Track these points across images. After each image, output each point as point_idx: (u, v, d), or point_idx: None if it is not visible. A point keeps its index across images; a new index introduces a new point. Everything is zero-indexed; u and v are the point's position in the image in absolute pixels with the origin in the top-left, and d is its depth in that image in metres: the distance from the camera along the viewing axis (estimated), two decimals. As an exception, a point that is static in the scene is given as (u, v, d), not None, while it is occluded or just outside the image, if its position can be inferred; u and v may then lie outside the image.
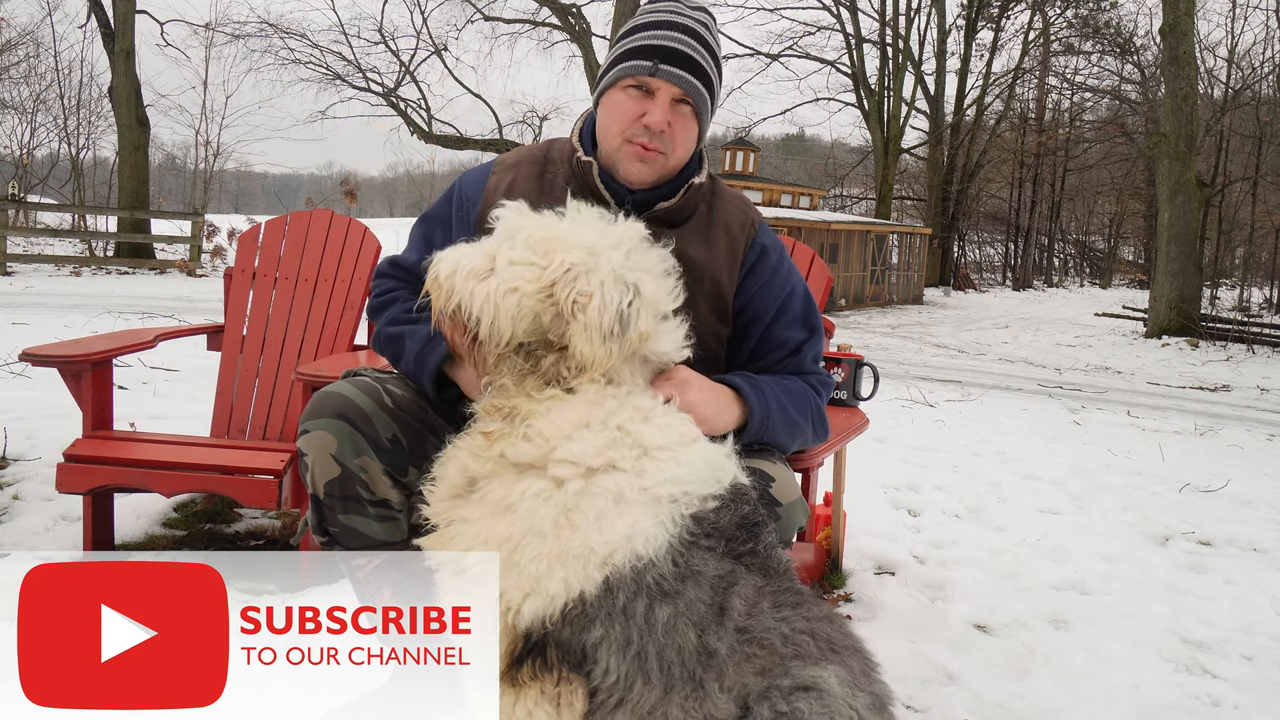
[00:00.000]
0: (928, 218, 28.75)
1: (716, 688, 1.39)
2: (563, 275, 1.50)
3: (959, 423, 6.75)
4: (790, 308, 1.87)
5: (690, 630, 1.40)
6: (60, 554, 2.69)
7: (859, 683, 1.40)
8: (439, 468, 1.58)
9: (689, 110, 1.75)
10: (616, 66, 1.76)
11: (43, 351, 2.62)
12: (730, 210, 1.88)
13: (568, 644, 1.42)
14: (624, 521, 1.43)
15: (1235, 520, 4.28)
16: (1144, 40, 27.77)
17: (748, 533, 1.50)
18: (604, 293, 1.48)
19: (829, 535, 3.03)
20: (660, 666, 1.39)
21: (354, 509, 1.70)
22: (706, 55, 1.76)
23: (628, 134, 1.74)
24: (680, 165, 1.81)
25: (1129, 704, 2.27)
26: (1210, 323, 15.93)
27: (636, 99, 1.73)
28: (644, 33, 1.75)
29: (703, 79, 1.75)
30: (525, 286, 1.50)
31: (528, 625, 1.43)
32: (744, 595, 1.44)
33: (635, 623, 1.40)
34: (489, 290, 1.49)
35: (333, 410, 1.67)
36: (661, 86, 1.72)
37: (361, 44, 24.20)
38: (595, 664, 1.41)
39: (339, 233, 3.31)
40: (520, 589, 1.43)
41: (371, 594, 1.79)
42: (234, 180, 48.37)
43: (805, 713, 1.33)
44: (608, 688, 1.41)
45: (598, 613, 1.40)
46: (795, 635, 1.42)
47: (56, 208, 18.63)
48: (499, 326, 1.50)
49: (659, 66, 1.71)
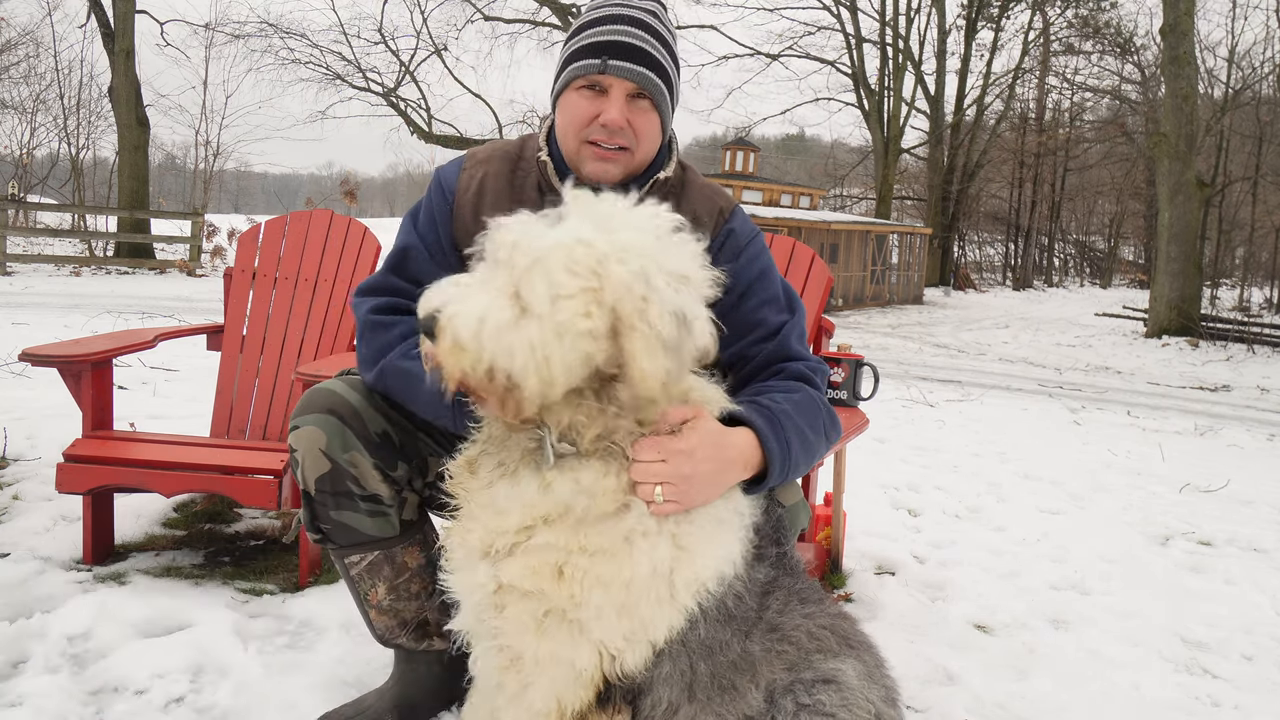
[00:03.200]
0: (928, 218, 28.75)
1: (751, 687, 1.39)
2: (625, 293, 1.24)
3: (959, 423, 6.75)
4: (765, 288, 1.76)
5: (737, 641, 1.39)
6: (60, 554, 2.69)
7: (873, 675, 1.43)
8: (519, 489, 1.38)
9: (647, 104, 1.69)
10: (567, 68, 1.71)
11: (43, 351, 2.62)
12: (697, 201, 1.80)
13: (634, 680, 1.38)
14: (720, 544, 1.38)
15: (1235, 520, 4.28)
16: (1144, 40, 27.84)
17: (781, 533, 1.51)
18: (661, 297, 1.25)
19: (829, 535, 3.02)
20: (709, 684, 1.38)
21: (345, 504, 1.70)
22: (658, 45, 1.71)
23: (584, 135, 1.68)
24: (647, 160, 1.76)
25: (1129, 704, 2.27)
26: (1210, 323, 15.93)
27: (590, 99, 1.68)
28: (591, 30, 1.70)
29: (657, 70, 1.69)
30: (580, 324, 1.23)
31: (626, 672, 1.36)
32: (780, 597, 1.44)
33: (698, 651, 1.37)
34: (530, 340, 1.22)
35: (321, 406, 1.67)
36: (614, 83, 1.66)
37: (361, 44, 24.33)
38: (649, 694, 1.38)
39: (339, 233, 3.31)
40: (624, 635, 1.34)
41: (366, 591, 1.80)
42: (234, 180, 48.39)
43: (826, 704, 1.35)
44: (654, 715, 1.39)
45: (670, 647, 1.36)
46: (819, 631, 1.43)
47: (56, 208, 18.62)
48: (550, 378, 1.24)
49: (608, 63, 1.65)
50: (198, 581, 2.60)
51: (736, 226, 1.80)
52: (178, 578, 2.62)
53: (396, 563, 1.77)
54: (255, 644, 2.23)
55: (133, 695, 1.97)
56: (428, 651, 1.88)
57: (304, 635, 2.32)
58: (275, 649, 2.23)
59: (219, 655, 2.13)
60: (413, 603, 1.82)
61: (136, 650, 2.11)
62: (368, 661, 2.16)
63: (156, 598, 2.38)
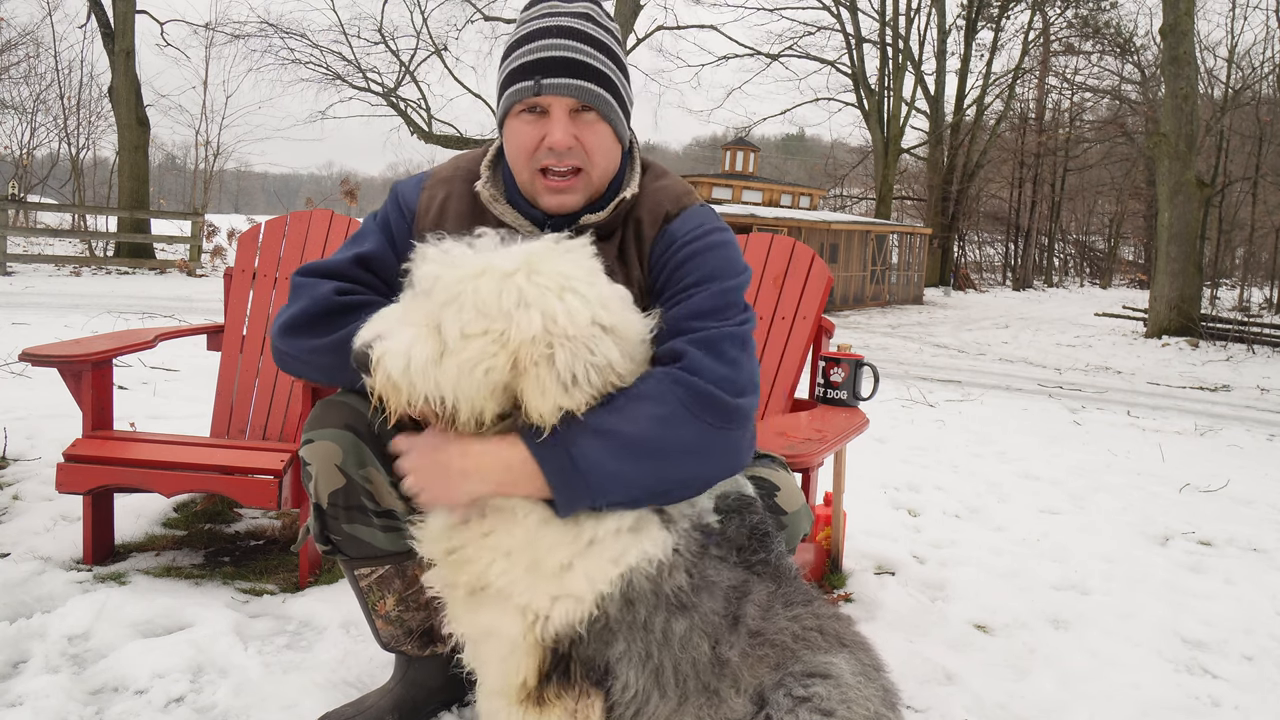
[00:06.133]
0: (928, 218, 28.75)
1: (733, 692, 1.39)
2: (528, 341, 1.33)
3: (959, 423, 6.75)
4: (690, 296, 1.56)
5: (705, 642, 1.40)
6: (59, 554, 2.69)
7: (869, 675, 1.42)
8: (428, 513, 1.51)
9: (593, 116, 1.59)
10: (504, 94, 1.61)
11: (43, 351, 2.62)
12: (644, 208, 1.68)
13: (591, 660, 1.41)
14: (636, 532, 1.42)
15: (1235, 520, 4.27)
16: (1144, 40, 27.86)
17: (759, 542, 1.50)
18: (572, 342, 1.34)
19: (829, 535, 3.02)
20: (676, 679, 1.39)
21: (358, 519, 1.69)
22: (594, 52, 1.59)
23: (534, 163, 1.59)
24: (608, 174, 1.65)
25: (1129, 704, 2.27)
26: (1210, 323, 15.93)
27: (532, 123, 1.58)
28: (520, 49, 1.59)
29: (597, 79, 1.58)
30: (485, 363, 1.33)
31: (557, 632, 1.40)
32: (757, 602, 1.44)
33: (654, 636, 1.39)
34: (453, 373, 1.33)
35: (338, 421, 1.65)
36: (553, 102, 1.56)
37: (361, 44, 24.31)
38: (615, 678, 1.41)
39: (339, 233, 3.31)
40: (546, 592, 1.39)
41: (375, 602, 1.79)
42: (234, 180, 48.43)
43: (824, 696, 1.34)
44: (625, 702, 1.41)
45: (620, 626, 1.39)
46: (805, 632, 1.43)
47: (56, 208, 18.61)
48: (476, 408, 1.37)
49: (541, 82, 1.55)
50: (198, 581, 2.60)
51: (674, 227, 1.65)
52: (178, 578, 2.62)
53: (407, 576, 1.77)
54: (255, 644, 2.23)
55: (133, 695, 1.97)
56: (431, 656, 1.88)
57: (304, 635, 2.32)
58: (275, 649, 2.23)
59: (219, 655, 2.13)
60: (420, 613, 1.81)
61: (136, 650, 2.11)
62: (368, 661, 2.16)
63: (156, 598, 2.38)
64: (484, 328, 1.32)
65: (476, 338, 1.32)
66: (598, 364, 1.36)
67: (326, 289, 1.64)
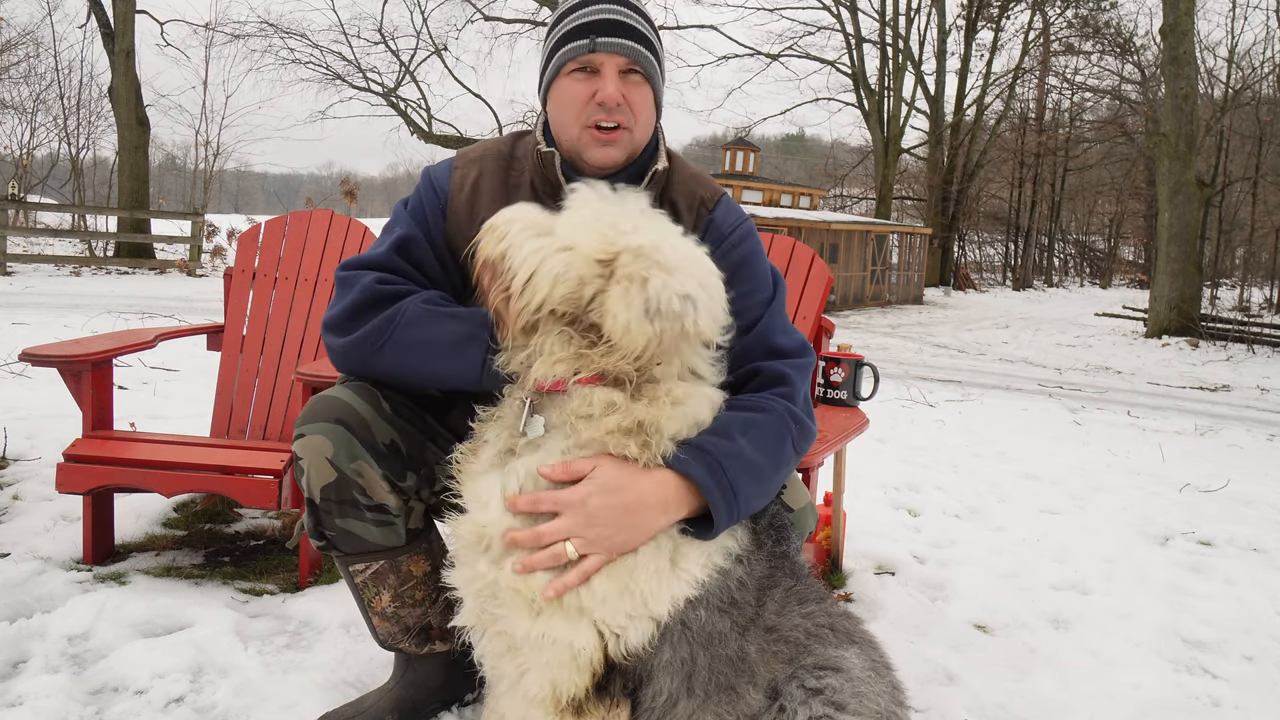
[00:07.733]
0: (928, 218, 28.75)
1: (750, 688, 1.39)
2: (633, 248, 1.36)
3: (959, 423, 6.75)
4: (745, 279, 1.69)
5: (735, 636, 1.38)
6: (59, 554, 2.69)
7: (880, 670, 1.42)
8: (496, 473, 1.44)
9: (639, 77, 1.68)
10: (555, 55, 1.69)
11: (43, 351, 2.62)
12: (679, 192, 1.77)
13: (631, 670, 1.37)
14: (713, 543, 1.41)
15: (1235, 520, 4.27)
16: (1144, 40, 27.86)
17: (779, 534, 1.50)
18: (670, 277, 1.33)
19: (829, 535, 3.03)
20: (708, 677, 1.37)
21: (350, 513, 1.68)
22: (641, 20, 1.70)
23: (584, 118, 1.66)
24: (644, 139, 1.73)
25: (1129, 704, 2.27)
26: (1210, 323, 15.94)
27: (583, 80, 1.66)
28: (573, 14, 1.69)
29: (644, 43, 1.68)
30: (582, 247, 1.37)
31: (627, 649, 1.35)
32: (777, 597, 1.44)
33: (698, 638, 1.36)
34: (540, 245, 1.38)
35: (329, 414, 1.64)
36: (606, 60, 1.65)
37: (361, 44, 24.34)
38: (650, 684, 1.37)
39: (339, 233, 3.31)
40: (624, 610, 1.34)
41: (370, 598, 1.79)
42: (234, 180, 48.43)
43: (836, 688, 1.33)
44: (656, 707, 1.38)
45: (671, 633, 1.36)
46: (818, 629, 1.43)
47: (56, 208, 18.61)
48: (537, 282, 1.36)
49: (597, 40, 1.64)
50: (198, 581, 2.60)
51: (718, 217, 1.76)
52: (178, 578, 2.62)
53: (402, 571, 1.76)
54: (255, 644, 2.23)
55: (133, 695, 1.97)
56: (430, 654, 1.88)
57: (304, 635, 2.32)
58: (275, 649, 2.23)
59: (219, 655, 2.13)
60: (416, 609, 1.81)
61: (136, 650, 2.10)
62: (368, 661, 2.16)
63: (156, 598, 2.38)
64: (596, 226, 1.39)
65: (581, 226, 1.39)
66: (683, 312, 1.33)
67: (369, 279, 1.67)
